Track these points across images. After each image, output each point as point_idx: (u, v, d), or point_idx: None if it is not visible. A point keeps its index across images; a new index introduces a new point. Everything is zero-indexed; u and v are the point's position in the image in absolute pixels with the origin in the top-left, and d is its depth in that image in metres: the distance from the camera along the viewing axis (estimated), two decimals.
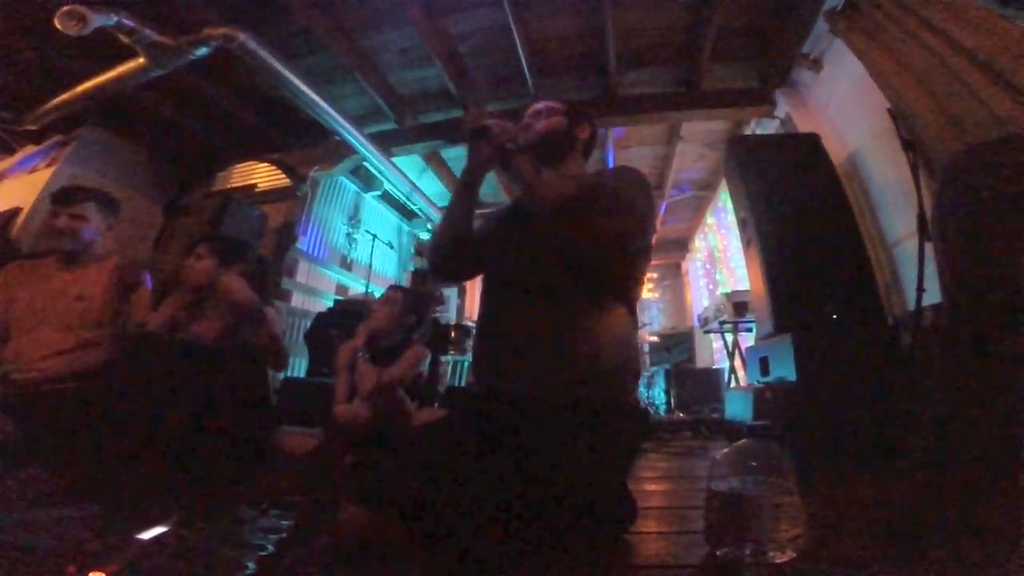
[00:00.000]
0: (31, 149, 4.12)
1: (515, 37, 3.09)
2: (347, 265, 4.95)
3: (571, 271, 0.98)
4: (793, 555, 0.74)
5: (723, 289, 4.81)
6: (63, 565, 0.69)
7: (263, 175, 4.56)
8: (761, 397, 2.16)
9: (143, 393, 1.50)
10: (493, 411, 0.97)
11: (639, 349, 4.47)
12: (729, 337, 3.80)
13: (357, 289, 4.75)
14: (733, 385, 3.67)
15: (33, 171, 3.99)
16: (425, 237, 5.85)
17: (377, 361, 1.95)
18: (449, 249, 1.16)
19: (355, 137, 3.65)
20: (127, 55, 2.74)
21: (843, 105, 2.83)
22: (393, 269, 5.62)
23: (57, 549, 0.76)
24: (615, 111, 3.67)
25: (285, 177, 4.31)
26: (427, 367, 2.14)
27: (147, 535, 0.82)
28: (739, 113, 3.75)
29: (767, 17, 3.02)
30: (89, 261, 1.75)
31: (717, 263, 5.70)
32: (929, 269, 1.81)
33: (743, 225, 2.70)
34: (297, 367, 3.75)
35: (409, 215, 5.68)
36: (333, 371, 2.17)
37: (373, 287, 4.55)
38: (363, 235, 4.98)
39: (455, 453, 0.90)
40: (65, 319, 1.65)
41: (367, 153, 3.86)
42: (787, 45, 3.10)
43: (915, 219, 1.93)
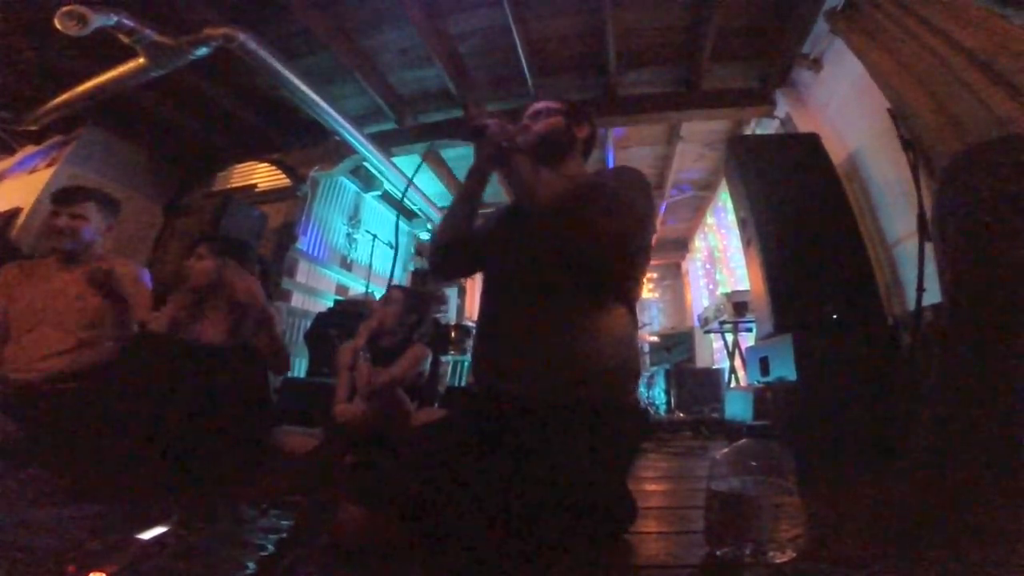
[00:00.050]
0: (31, 149, 4.12)
1: (515, 37, 3.09)
2: (347, 265, 4.96)
3: (570, 271, 0.99)
4: (793, 555, 0.74)
5: (723, 289, 4.81)
6: (63, 565, 0.69)
7: (263, 175, 4.56)
8: (761, 397, 2.16)
9: (143, 393, 1.50)
10: (493, 411, 0.97)
11: (639, 349, 4.47)
12: (729, 337, 3.80)
13: (357, 289, 4.75)
14: (733, 385, 3.67)
15: (33, 171, 3.99)
16: (425, 237, 5.85)
17: (378, 361, 1.95)
18: (449, 248, 1.16)
19: (355, 137, 3.64)
20: (127, 55, 2.74)
21: (843, 105, 2.83)
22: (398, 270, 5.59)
23: (57, 549, 0.76)
24: (615, 111, 3.67)
25: (285, 177, 4.31)
26: (428, 367, 2.14)
27: (147, 535, 0.82)
28: (739, 113, 3.75)
29: (767, 17, 3.02)
30: (89, 261, 1.76)
31: (717, 263, 5.70)
32: (929, 269, 1.82)
33: (743, 225, 2.70)
34: (297, 367, 3.75)
35: (409, 215, 5.67)
36: (334, 371, 2.17)
37: (373, 287, 4.55)
38: (363, 235, 4.98)
39: (455, 453, 0.90)
40: (65, 319, 1.65)
41: (367, 153, 3.86)
42: (787, 45, 3.10)
43: (915, 219, 1.93)
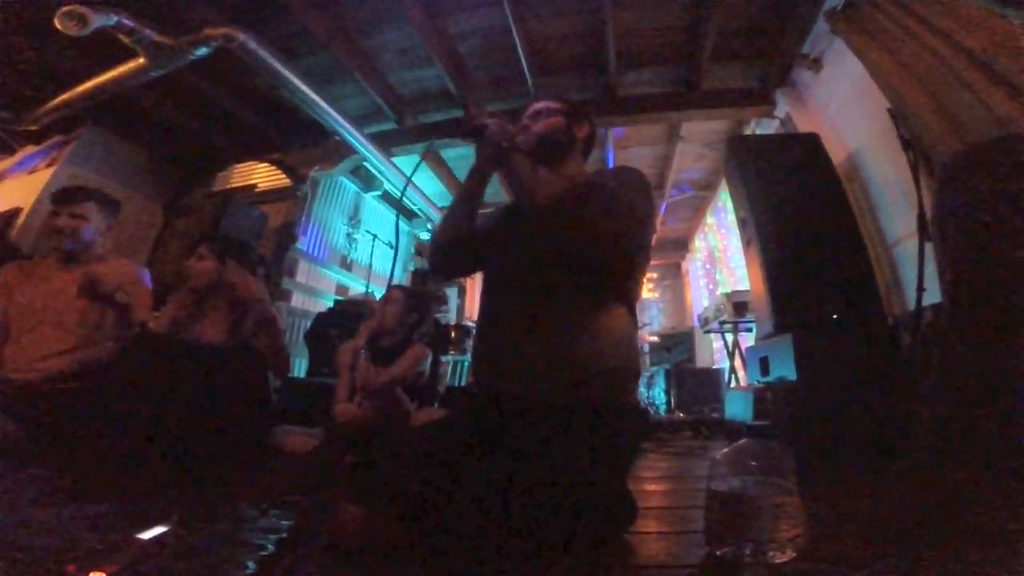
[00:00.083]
0: (31, 149, 4.12)
1: (515, 37, 3.09)
2: (347, 265, 4.96)
3: (570, 271, 0.98)
4: (793, 555, 0.74)
5: (723, 289, 4.81)
6: (63, 565, 0.69)
7: (263, 175, 4.56)
8: (761, 397, 2.16)
9: (143, 393, 1.50)
10: (493, 411, 0.97)
11: (639, 349, 4.47)
12: (729, 337, 3.80)
13: (357, 289, 4.75)
14: (733, 385, 3.67)
15: (33, 171, 3.99)
16: (425, 237, 5.84)
17: (378, 361, 1.96)
18: (449, 247, 1.16)
19: (355, 137, 3.64)
20: (127, 55, 2.74)
21: (843, 105, 2.83)
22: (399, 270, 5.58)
23: (57, 549, 0.76)
24: (615, 111, 3.67)
25: (285, 177, 4.31)
26: (428, 367, 2.14)
27: (147, 535, 0.82)
28: (739, 113, 3.75)
29: (767, 17, 3.02)
30: (89, 261, 1.76)
31: (717, 263, 5.70)
32: (929, 269, 1.82)
33: (743, 225, 2.70)
34: (297, 367, 3.75)
35: (408, 215, 5.66)
36: (334, 371, 2.17)
37: (373, 287, 4.55)
38: (363, 235, 4.98)
39: (455, 453, 0.90)
40: (65, 319, 1.65)
41: (367, 153, 3.86)
42: (787, 45, 3.10)
43: (915, 219, 1.93)
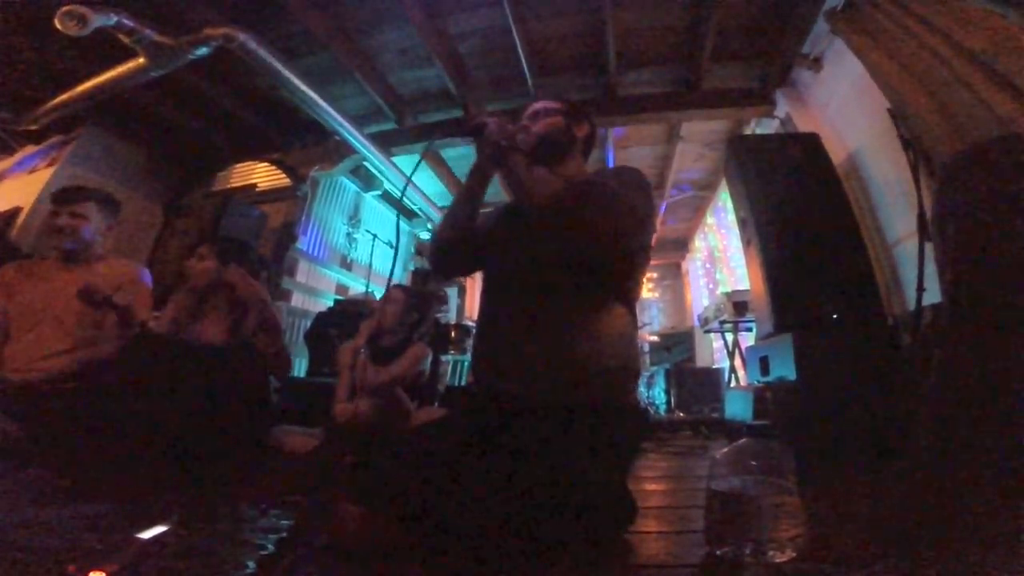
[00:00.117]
0: (31, 149, 4.12)
1: (515, 37, 3.09)
2: (347, 265, 4.96)
3: (569, 271, 0.98)
4: (793, 555, 0.74)
5: (723, 289, 4.81)
6: (63, 565, 0.69)
7: (263, 175, 4.55)
8: (761, 397, 2.15)
9: (144, 393, 1.50)
10: (493, 411, 0.97)
11: (639, 349, 4.47)
12: (729, 337, 3.80)
13: (357, 289, 4.75)
14: (733, 385, 3.67)
15: (33, 171, 3.99)
16: (425, 237, 5.84)
17: (378, 360, 1.96)
18: (450, 245, 1.17)
19: (355, 137, 3.64)
20: (127, 55, 2.74)
21: (843, 105, 2.83)
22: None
23: (57, 549, 0.76)
24: (615, 111, 3.67)
25: (285, 177, 4.31)
26: (428, 366, 2.14)
27: (147, 535, 0.82)
28: (739, 113, 3.75)
29: (767, 17, 3.01)
30: (89, 261, 1.76)
31: (717, 263, 5.70)
32: (929, 269, 1.81)
33: (743, 225, 2.70)
34: (297, 367, 3.75)
35: (408, 214, 5.66)
36: (334, 370, 2.17)
37: (373, 287, 4.55)
38: (363, 235, 4.98)
39: (454, 453, 0.90)
40: (64, 319, 1.65)
41: (367, 153, 3.85)
42: (787, 45, 3.10)
43: (915, 219, 1.93)
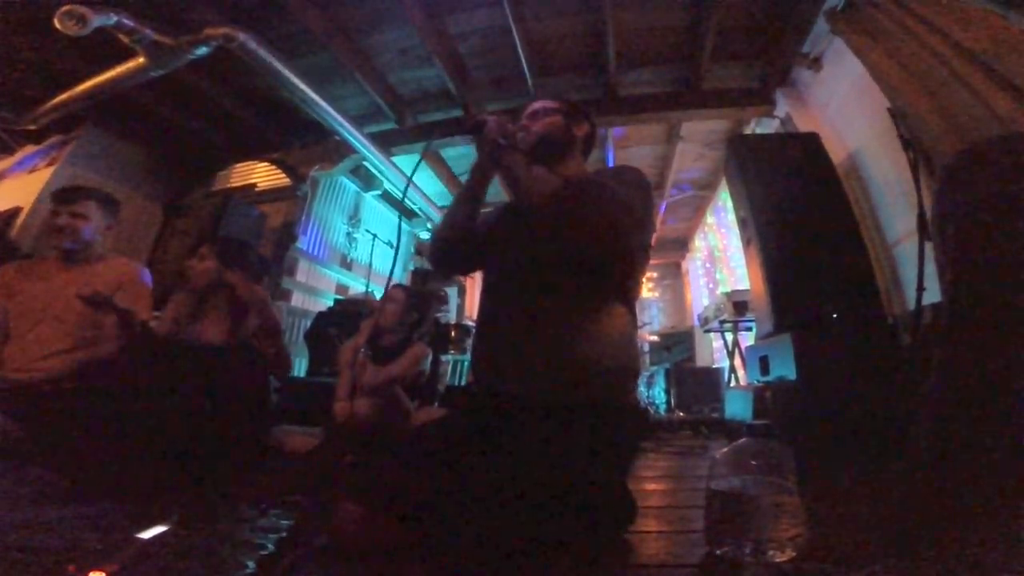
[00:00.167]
0: (31, 149, 4.12)
1: (515, 37, 3.09)
2: (347, 264, 4.96)
3: (569, 270, 0.98)
4: (793, 554, 0.74)
5: (723, 288, 4.81)
6: (63, 565, 0.69)
7: (263, 175, 4.56)
8: (761, 396, 2.16)
9: (144, 393, 1.50)
10: (492, 410, 0.97)
11: (639, 349, 4.47)
12: (729, 336, 3.80)
13: (357, 289, 4.75)
14: (733, 384, 3.67)
15: (33, 171, 3.99)
16: (425, 236, 5.84)
17: (378, 359, 1.96)
18: (450, 243, 1.17)
19: (355, 137, 3.64)
20: (127, 55, 2.74)
21: (843, 105, 2.83)
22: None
23: (57, 549, 0.76)
24: (615, 111, 3.67)
25: (285, 177, 4.31)
26: (428, 366, 2.14)
27: (147, 535, 0.82)
28: (739, 113, 3.75)
29: (767, 17, 3.01)
30: (89, 260, 1.76)
31: (717, 262, 5.70)
32: (929, 269, 1.82)
33: (743, 225, 2.70)
34: (297, 367, 3.75)
35: (409, 214, 5.66)
36: (335, 369, 2.17)
37: (373, 286, 4.55)
38: (363, 234, 4.98)
39: (454, 452, 0.90)
40: (64, 319, 1.65)
41: (367, 153, 3.86)
42: (787, 45, 3.10)
43: (915, 219, 1.93)
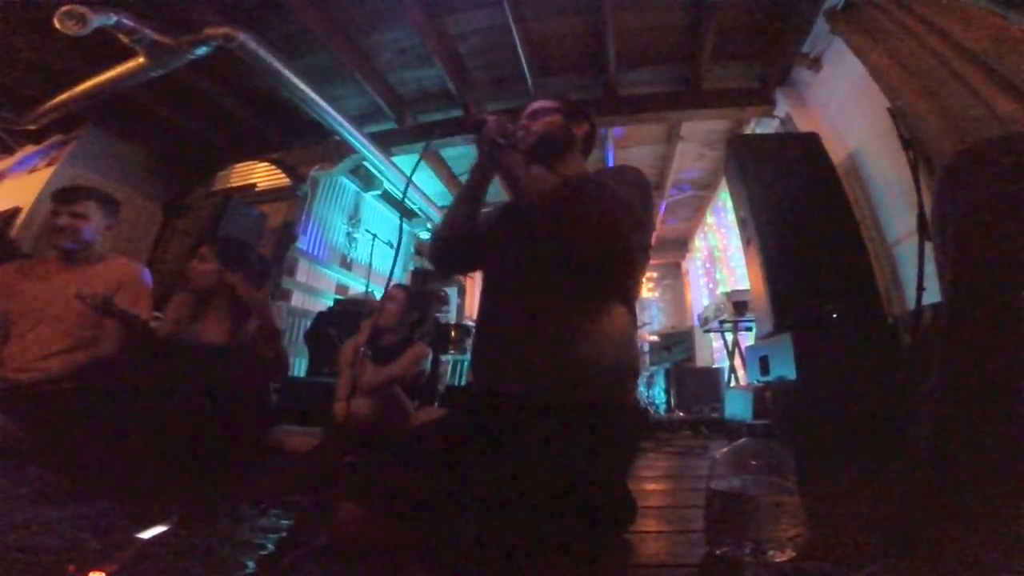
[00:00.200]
0: (31, 149, 4.12)
1: (515, 37, 3.09)
2: (347, 264, 4.96)
3: (568, 269, 0.98)
4: (793, 554, 0.74)
5: (723, 288, 4.81)
6: (63, 565, 0.69)
7: (263, 175, 4.56)
8: (761, 396, 2.15)
9: (144, 393, 1.50)
10: (492, 410, 0.97)
11: (639, 349, 4.47)
12: (729, 336, 3.80)
13: (357, 289, 4.75)
14: (733, 384, 3.67)
15: (33, 171, 3.99)
16: (425, 236, 5.84)
17: (378, 359, 1.96)
18: (450, 242, 1.17)
19: (355, 137, 3.64)
20: (127, 55, 2.74)
21: (843, 105, 2.82)
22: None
23: (57, 549, 0.76)
24: (615, 111, 3.67)
25: (285, 177, 4.31)
26: (428, 366, 2.14)
27: (147, 535, 0.82)
28: (739, 113, 3.75)
29: (767, 17, 3.01)
30: (89, 260, 1.76)
31: (717, 262, 5.70)
32: (929, 269, 1.81)
33: (743, 224, 2.70)
34: (297, 367, 3.75)
35: (408, 214, 5.65)
36: (335, 369, 2.17)
37: (373, 286, 4.55)
38: (363, 234, 4.98)
39: (454, 452, 0.90)
40: (64, 318, 1.65)
41: (367, 153, 3.86)
42: (787, 45, 3.10)
43: (915, 219, 1.93)
